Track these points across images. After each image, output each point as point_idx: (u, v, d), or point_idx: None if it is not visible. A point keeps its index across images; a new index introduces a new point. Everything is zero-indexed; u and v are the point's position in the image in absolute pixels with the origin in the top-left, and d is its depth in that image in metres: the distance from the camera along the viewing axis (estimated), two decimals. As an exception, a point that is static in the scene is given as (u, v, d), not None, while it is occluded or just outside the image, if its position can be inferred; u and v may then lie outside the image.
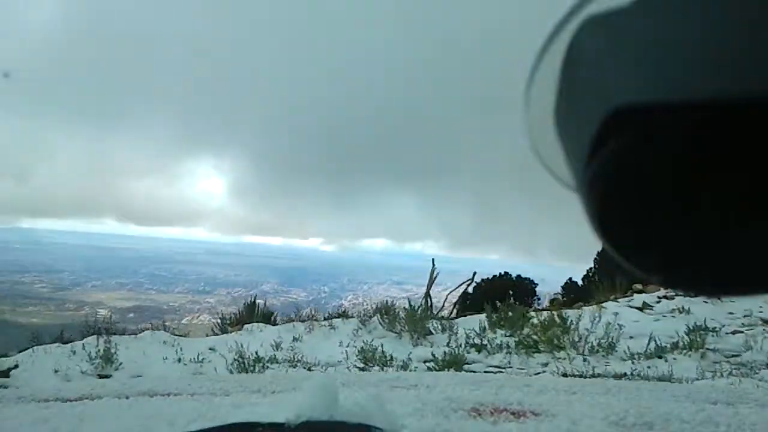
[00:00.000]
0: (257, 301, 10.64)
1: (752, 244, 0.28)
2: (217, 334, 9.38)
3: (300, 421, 0.96)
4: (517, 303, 8.74)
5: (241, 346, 7.45)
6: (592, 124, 0.28)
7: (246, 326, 9.02)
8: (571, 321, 7.13)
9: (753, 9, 0.25)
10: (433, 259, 11.55)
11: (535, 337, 7.17)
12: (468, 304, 11.60)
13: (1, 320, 37.31)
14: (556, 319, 7.19)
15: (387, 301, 9.62)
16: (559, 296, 12.96)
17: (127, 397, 1.99)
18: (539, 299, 13.57)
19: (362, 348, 7.29)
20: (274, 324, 9.57)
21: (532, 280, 14.16)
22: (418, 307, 9.06)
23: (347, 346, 7.80)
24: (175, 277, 58.45)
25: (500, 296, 8.93)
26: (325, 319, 9.64)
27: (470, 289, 12.49)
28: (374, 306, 9.47)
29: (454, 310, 11.59)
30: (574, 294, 12.23)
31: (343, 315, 10.01)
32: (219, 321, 10.35)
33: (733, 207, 0.27)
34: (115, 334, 8.37)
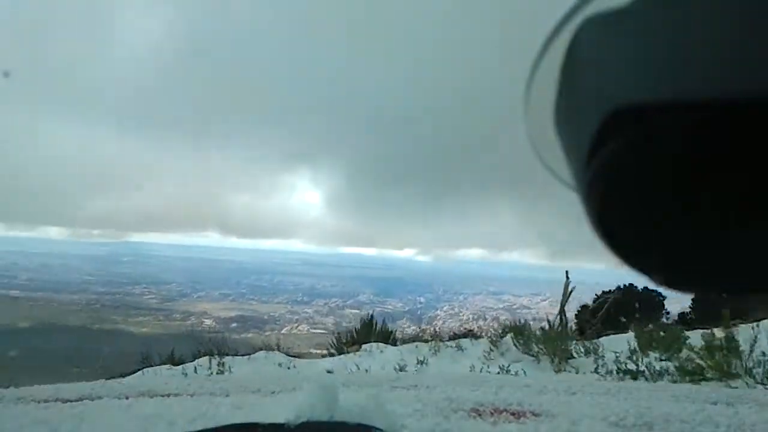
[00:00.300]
0: (374, 319, 9.64)
1: (752, 244, 0.28)
2: (333, 355, 8.66)
3: (300, 421, 0.96)
4: (644, 318, 7.78)
5: (361, 368, 6.86)
6: (592, 124, 0.28)
7: (364, 346, 8.29)
8: (738, 342, 5.87)
9: (753, 9, 0.25)
10: (567, 272, 9.70)
11: (700, 361, 5.91)
12: (592, 319, 9.98)
13: (114, 330, 38.78)
14: (720, 339, 6.00)
15: (520, 320, 8.66)
16: (689, 310, 11.25)
17: (127, 398, 1.99)
18: (668, 313, 11.99)
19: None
20: (394, 344, 8.77)
21: (660, 293, 12.05)
22: (556, 325, 8.02)
23: (480, 372, 6.65)
24: (274, 288, 59.38)
25: (625, 311, 7.97)
26: (450, 338, 8.82)
27: (570, 301, 10.98)
28: (505, 324, 8.59)
29: (577, 326, 10.03)
30: (702, 309, 10.35)
31: (471, 334, 9.16)
32: (334, 340, 9.50)
33: (733, 207, 0.27)
34: (227, 354, 7.85)
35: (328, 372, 6.57)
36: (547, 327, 7.93)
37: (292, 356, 7.94)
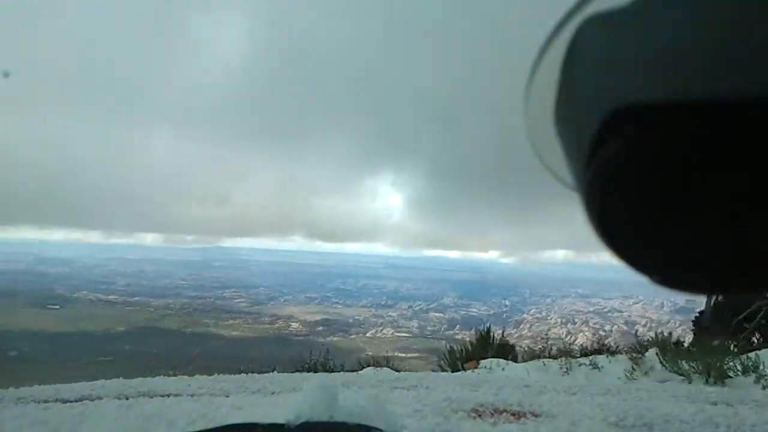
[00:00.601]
0: (492, 331, 8.41)
1: (752, 244, 0.28)
2: (445, 371, 7.45)
3: (300, 422, 0.96)
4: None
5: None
6: (592, 124, 0.28)
7: (482, 362, 7.19)
8: None
9: (753, 9, 0.25)
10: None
11: None
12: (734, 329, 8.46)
13: (206, 333, 39.85)
14: None
15: (664, 332, 7.55)
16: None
17: (127, 398, 1.99)
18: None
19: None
20: (515, 360, 7.68)
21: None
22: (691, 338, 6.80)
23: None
24: (359, 291, 59.60)
25: (747, 315, 7.14)
26: (582, 354, 7.74)
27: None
28: (648, 338, 7.43)
29: (696, 337, 8.49)
30: None
31: (606, 350, 7.92)
32: (446, 354, 8.32)
33: (733, 207, 0.27)
34: (332, 371, 7.18)
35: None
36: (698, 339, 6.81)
37: (397, 371, 6.98)
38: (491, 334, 8.24)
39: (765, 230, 0.27)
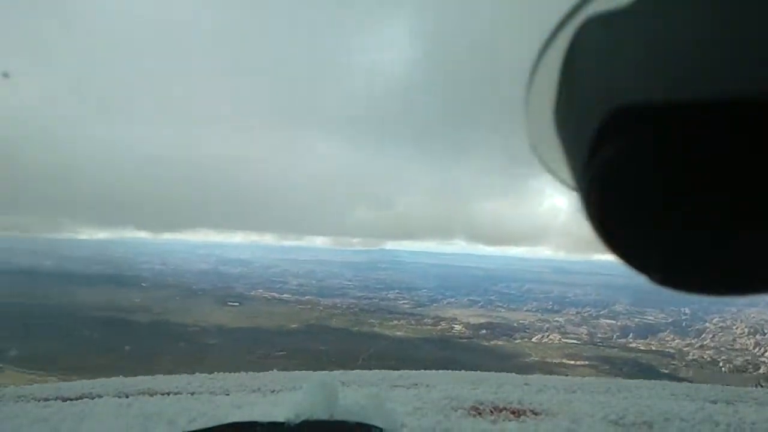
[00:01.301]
0: None
1: (752, 244, 0.28)
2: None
3: (300, 421, 0.96)
4: None
5: None
6: (592, 125, 0.28)
7: None
8: None
9: (752, 8, 0.25)
10: None
11: None
12: None
13: (371, 333, 41.47)
14: None
15: None
16: None
17: (127, 396, 1.99)
18: None
19: None
20: None
21: None
22: None
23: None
24: (523, 296, 57.99)
25: None
26: None
27: None
28: None
29: None
30: None
31: None
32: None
33: (733, 207, 0.27)
34: None
35: None
36: None
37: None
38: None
39: (765, 230, 0.27)
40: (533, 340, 41.94)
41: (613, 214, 0.30)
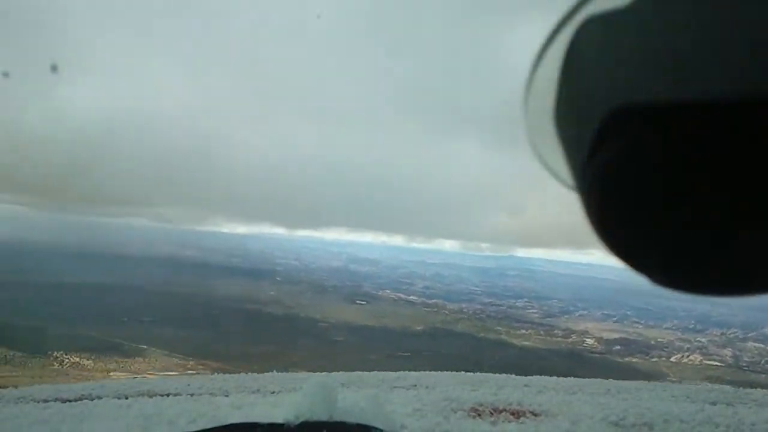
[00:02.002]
0: None
1: (752, 244, 0.28)
2: None
3: (299, 422, 0.96)
4: None
5: None
6: (592, 125, 0.28)
7: None
8: None
9: (752, 8, 0.25)
10: None
11: None
12: None
13: (497, 340, 40.98)
14: None
15: None
16: None
17: (127, 397, 1.99)
18: None
19: None
20: None
21: None
22: None
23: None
24: (663, 312, 55.14)
25: None
26: None
27: None
28: None
29: None
30: None
31: None
32: None
33: (733, 207, 0.27)
34: None
35: None
36: None
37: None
38: None
39: (765, 230, 0.27)
40: (671, 359, 40.09)
41: (613, 215, 0.30)
